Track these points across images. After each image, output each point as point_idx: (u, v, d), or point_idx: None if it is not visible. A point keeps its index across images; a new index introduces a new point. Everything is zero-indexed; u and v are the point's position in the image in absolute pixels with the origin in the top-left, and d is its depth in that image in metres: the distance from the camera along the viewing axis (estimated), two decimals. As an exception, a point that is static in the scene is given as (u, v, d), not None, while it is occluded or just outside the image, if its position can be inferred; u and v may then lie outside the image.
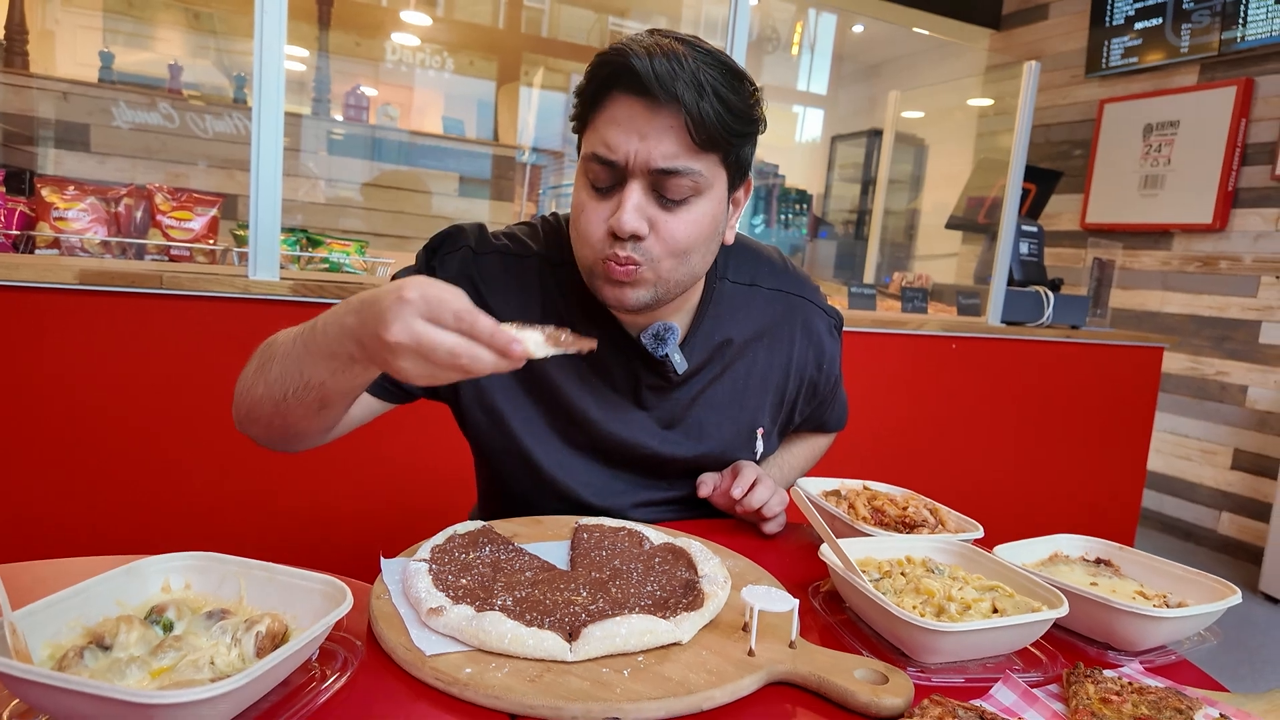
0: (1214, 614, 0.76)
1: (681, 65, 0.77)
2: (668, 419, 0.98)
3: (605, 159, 0.80)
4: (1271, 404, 3.50)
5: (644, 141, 0.78)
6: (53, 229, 1.70)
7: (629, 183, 0.81)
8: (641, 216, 0.81)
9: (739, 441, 1.04)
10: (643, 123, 0.78)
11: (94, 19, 3.81)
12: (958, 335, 2.53)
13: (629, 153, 0.79)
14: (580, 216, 0.84)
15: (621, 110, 0.79)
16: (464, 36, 4.54)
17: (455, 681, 0.59)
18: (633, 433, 0.97)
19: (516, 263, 0.93)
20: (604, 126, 0.80)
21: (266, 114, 1.55)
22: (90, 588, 0.59)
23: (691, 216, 0.83)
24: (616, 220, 0.80)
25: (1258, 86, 3.58)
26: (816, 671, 0.63)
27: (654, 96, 0.77)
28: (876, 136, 4.98)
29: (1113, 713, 0.61)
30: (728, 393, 1.00)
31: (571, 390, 0.94)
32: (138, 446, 1.56)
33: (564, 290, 0.94)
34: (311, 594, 0.62)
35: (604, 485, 1.00)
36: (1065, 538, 0.91)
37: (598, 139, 0.81)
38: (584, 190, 0.85)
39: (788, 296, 1.04)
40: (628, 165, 0.80)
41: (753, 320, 1.01)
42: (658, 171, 0.80)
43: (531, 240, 0.96)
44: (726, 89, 0.79)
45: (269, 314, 1.61)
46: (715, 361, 0.99)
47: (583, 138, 0.85)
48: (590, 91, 0.82)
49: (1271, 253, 3.51)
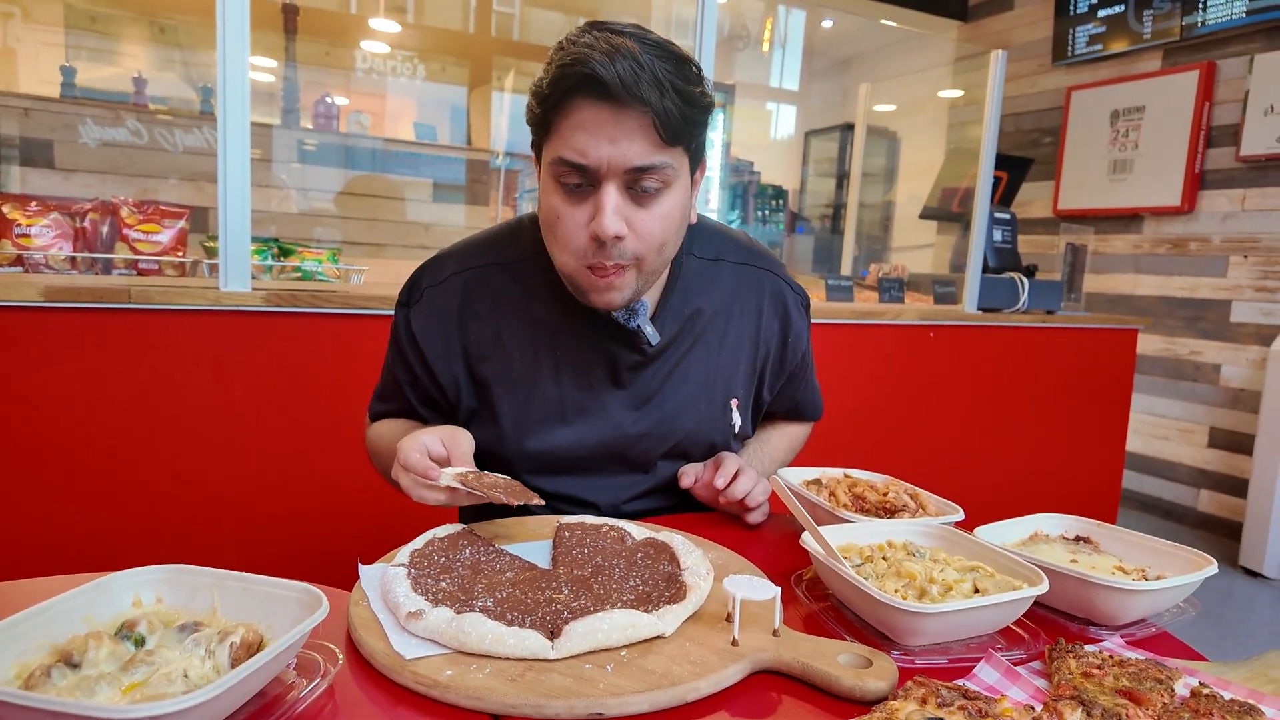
0: (1191, 585, 0.76)
1: (640, 66, 0.78)
2: (644, 395, 1.00)
3: (577, 164, 0.82)
4: (1245, 381, 3.55)
5: (615, 145, 0.80)
6: (15, 246, 1.66)
7: (604, 185, 0.82)
8: (620, 218, 0.83)
9: (714, 413, 1.05)
10: (611, 126, 0.80)
11: (55, 35, 3.75)
12: (935, 324, 2.54)
13: (600, 158, 0.81)
14: (557, 224, 0.86)
15: (588, 115, 0.81)
16: (434, 42, 4.51)
17: (436, 684, 0.58)
18: (610, 413, 0.99)
19: (479, 280, 0.99)
20: (570, 132, 0.82)
21: (232, 117, 1.53)
22: (57, 605, 0.58)
23: (664, 210, 0.86)
24: (598, 225, 0.82)
25: (1219, 70, 3.64)
26: (800, 658, 0.63)
27: (619, 100, 0.79)
28: (849, 130, 5.02)
29: (1095, 686, 0.61)
30: (700, 364, 1.02)
31: (551, 377, 0.98)
32: (110, 463, 1.54)
33: (528, 286, 0.98)
34: (287, 603, 0.61)
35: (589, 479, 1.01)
36: (1045, 517, 0.92)
37: (564, 144, 0.82)
38: (555, 195, 0.86)
39: (753, 269, 1.06)
40: (600, 170, 0.82)
41: (720, 293, 1.03)
42: (632, 170, 0.82)
43: (495, 252, 1.00)
44: (681, 81, 0.81)
45: (241, 325, 1.59)
46: (686, 333, 1.01)
47: (545, 143, 0.86)
48: (555, 98, 0.82)
49: (1239, 233, 3.57)
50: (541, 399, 0.98)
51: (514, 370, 0.98)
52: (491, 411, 0.99)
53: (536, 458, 0.99)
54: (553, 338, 0.97)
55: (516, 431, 0.98)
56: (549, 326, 0.97)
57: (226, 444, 1.61)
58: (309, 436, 1.68)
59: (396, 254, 3.87)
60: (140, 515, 1.57)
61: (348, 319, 1.67)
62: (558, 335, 0.97)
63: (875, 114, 4.95)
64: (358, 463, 1.74)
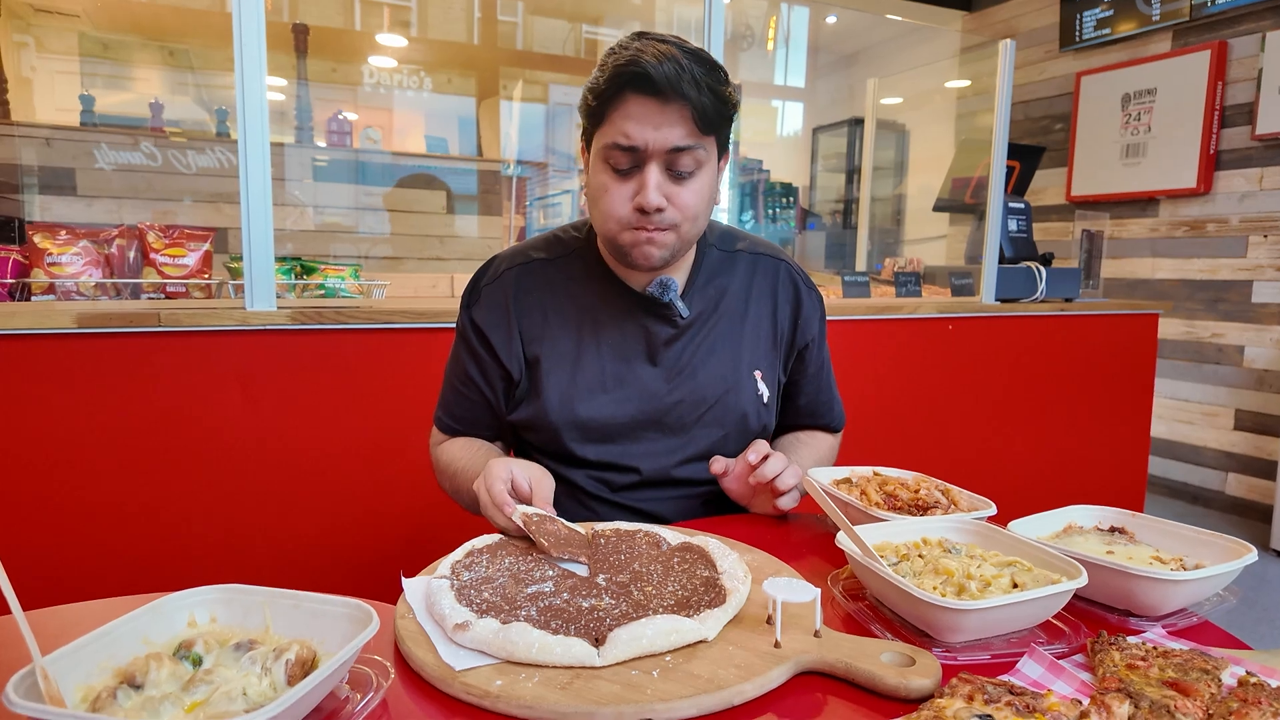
0: (1231, 573, 0.76)
1: (682, 68, 0.94)
2: (677, 368, 1.11)
3: (626, 146, 0.97)
4: (1269, 362, 3.51)
5: (658, 131, 0.96)
6: (48, 274, 1.70)
7: (648, 165, 0.97)
8: (660, 193, 0.98)
9: (740, 381, 1.14)
10: (656, 116, 0.96)
11: (71, 63, 3.82)
12: (953, 316, 2.54)
13: (646, 141, 0.96)
14: (604, 197, 1.00)
15: (637, 107, 0.96)
16: (440, 55, 4.54)
17: (487, 694, 0.59)
18: (646, 383, 1.10)
19: (526, 273, 1.13)
20: (622, 121, 0.96)
21: (252, 145, 1.55)
22: (117, 628, 0.60)
23: (697, 186, 1.01)
24: (643, 198, 0.97)
25: (1231, 49, 3.60)
26: (843, 659, 0.64)
27: (664, 95, 0.94)
28: (858, 125, 5.00)
29: (1140, 678, 0.62)
30: (725, 338, 1.14)
31: (593, 351, 1.10)
32: (145, 484, 1.56)
33: (571, 274, 1.13)
34: (338, 619, 0.63)
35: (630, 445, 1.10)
36: (1078, 509, 0.92)
37: (616, 131, 0.97)
38: (604, 174, 1.00)
39: (767, 258, 1.20)
40: (645, 150, 0.96)
41: (739, 277, 1.17)
42: (671, 150, 0.97)
43: (542, 249, 1.15)
44: (714, 82, 0.97)
45: (269, 344, 1.62)
46: (711, 311, 1.14)
47: (596, 132, 1.00)
48: (610, 93, 0.97)
49: (1258, 212, 3.53)
50: (584, 371, 1.09)
51: (560, 346, 1.10)
52: (540, 386, 1.09)
53: (581, 426, 1.08)
54: (594, 317, 1.10)
55: (563, 402, 1.08)
56: (591, 308, 1.10)
57: (258, 461, 1.64)
58: (340, 451, 1.70)
59: (414, 267, 3.90)
60: (176, 534, 1.59)
61: (373, 333, 1.69)
62: (599, 315, 1.10)
63: (883, 107, 4.92)
64: (391, 475, 1.76)
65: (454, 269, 3.91)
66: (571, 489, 1.12)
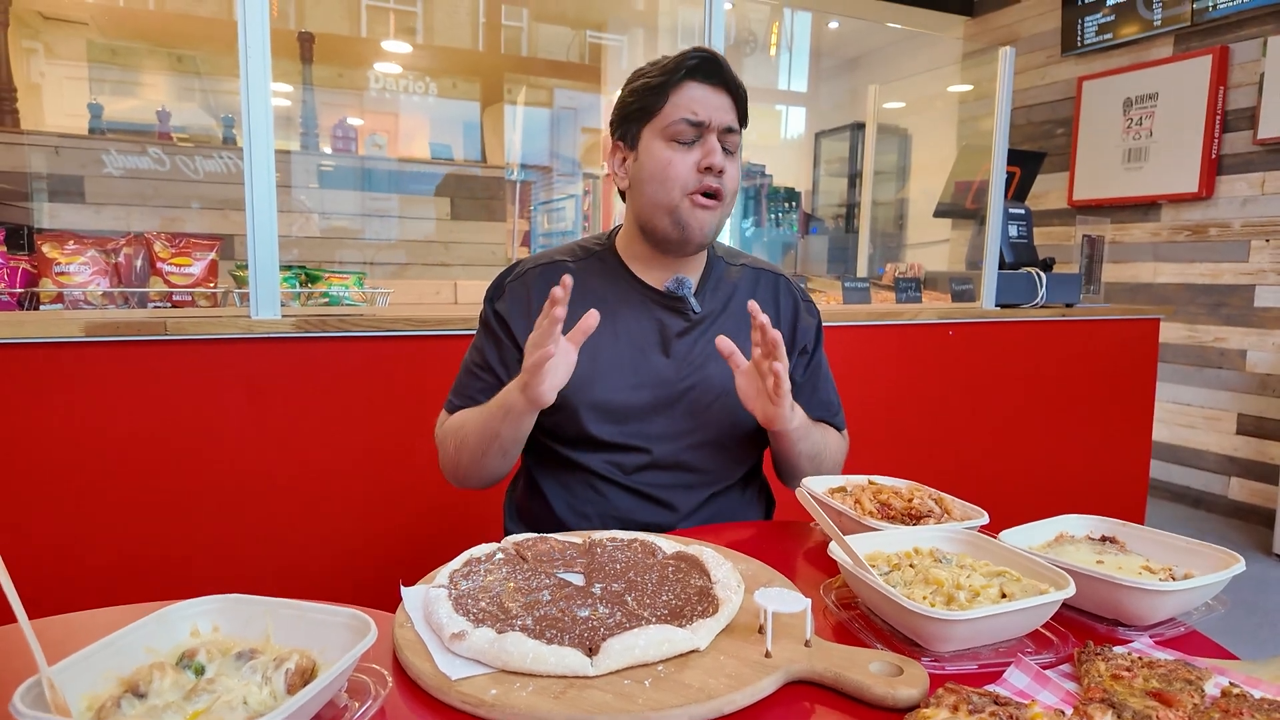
0: (1219, 584, 0.77)
1: (726, 65, 1.12)
2: (689, 359, 1.18)
3: (694, 120, 1.11)
4: (1271, 366, 3.51)
5: (717, 111, 1.12)
6: (55, 284, 1.72)
7: (709, 137, 1.12)
8: (722, 157, 1.12)
9: None
10: (715, 99, 1.12)
11: (79, 70, 3.85)
12: (954, 322, 2.54)
13: (710, 115, 1.11)
14: (669, 168, 1.12)
15: (698, 91, 1.12)
16: (445, 61, 4.57)
17: (481, 704, 0.61)
18: (659, 371, 1.17)
19: (550, 271, 1.21)
20: (688, 101, 1.12)
21: (258, 156, 1.57)
22: (121, 638, 0.61)
23: (736, 165, 1.16)
24: (711, 158, 1.11)
25: (1233, 53, 3.60)
26: (832, 668, 0.65)
27: (718, 83, 1.12)
28: (860, 130, 5.01)
29: (1124, 688, 0.63)
30: (732, 333, 1.18)
31: (611, 340, 1.17)
32: (154, 493, 1.58)
33: (592, 273, 1.21)
34: (337, 628, 0.64)
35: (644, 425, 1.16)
36: (1070, 518, 0.93)
37: (684, 109, 1.11)
38: (666, 150, 1.13)
39: (768, 273, 1.30)
40: (709, 124, 1.12)
41: (744, 287, 1.27)
42: (725, 130, 1.12)
43: (566, 254, 1.24)
44: (742, 85, 1.15)
45: (274, 352, 1.63)
46: (720, 309, 1.23)
47: (657, 114, 1.13)
48: (676, 78, 1.12)
49: (1260, 217, 3.53)
50: (603, 358, 1.15)
51: None
52: None
53: (598, 407, 1.14)
54: (613, 310, 1.17)
55: (583, 384, 1.12)
56: (610, 302, 1.17)
57: (263, 469, 1.66)
58: (344, 458, 1.72)
59: (418, 273, 3.92)
60: (181, 541, 1.61)
61: (377, 341, 1.71)
62: (617, 309, 1.18)
63: (885, 112, 4.93)
64: (395, 482, 1.78)
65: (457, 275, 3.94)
66: (585, 474, 1.16)
